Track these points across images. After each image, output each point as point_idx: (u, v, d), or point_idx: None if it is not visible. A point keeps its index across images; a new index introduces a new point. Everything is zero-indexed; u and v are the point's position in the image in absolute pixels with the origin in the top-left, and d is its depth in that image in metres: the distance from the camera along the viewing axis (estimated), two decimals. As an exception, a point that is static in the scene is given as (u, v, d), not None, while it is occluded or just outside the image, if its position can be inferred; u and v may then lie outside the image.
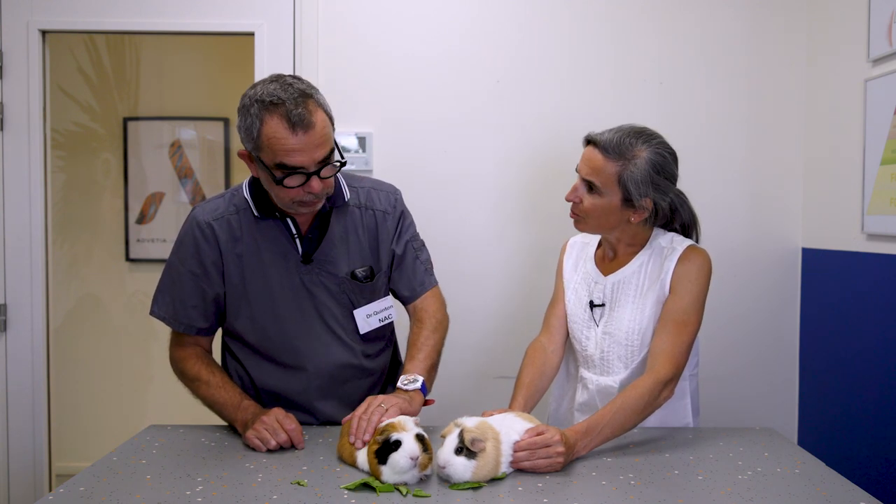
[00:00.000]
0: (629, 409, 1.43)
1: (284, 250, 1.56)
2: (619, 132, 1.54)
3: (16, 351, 2.37)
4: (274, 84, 1.41)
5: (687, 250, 1.58)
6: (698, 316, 1.56)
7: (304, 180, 1.41)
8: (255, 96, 1.41)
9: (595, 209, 1.57)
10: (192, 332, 1.62)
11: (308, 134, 1.38)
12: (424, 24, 2.35)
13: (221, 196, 1.61)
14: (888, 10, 1.91)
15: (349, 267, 1.59)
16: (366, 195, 1.64)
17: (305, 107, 1.38)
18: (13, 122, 2.33)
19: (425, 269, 1.69)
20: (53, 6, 2.33)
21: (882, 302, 1.93)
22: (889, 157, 1.89)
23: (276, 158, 1.39)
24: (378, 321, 1.64)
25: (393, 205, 1.65)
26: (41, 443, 2.40)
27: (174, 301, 1.60)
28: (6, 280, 2.36)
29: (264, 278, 1.56)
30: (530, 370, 1.70)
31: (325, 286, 1.58)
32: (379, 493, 1.21)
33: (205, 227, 1.55)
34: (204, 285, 1.57)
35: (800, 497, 1.21)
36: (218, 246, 1.55)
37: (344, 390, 1.63)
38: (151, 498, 1.19)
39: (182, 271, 1.58)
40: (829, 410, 2.20)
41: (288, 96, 1.38)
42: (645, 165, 1.52)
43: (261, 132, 1.39)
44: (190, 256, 1.56)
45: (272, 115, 1.38)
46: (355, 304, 1.61)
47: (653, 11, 2.34)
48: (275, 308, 1.57)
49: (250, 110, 1.41)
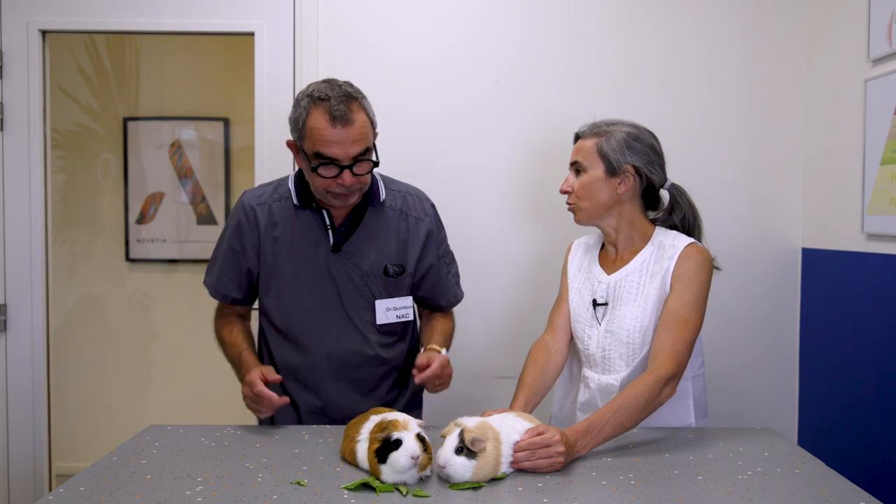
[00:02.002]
0: (630, 407, 1.43)
1: (317, 239, 1.69)
2: (598, 121, 1.68)
3: (16, 351, 2.37)
4: (325, 84, 1.58)
5: (687, 248, 1.58)
6: (700, 314, 1.56)
7: (337, 172, 1.55)
8: (307, 92, 1.58)
9: (583, 188, 1.64)
10: (227, 301, 1.78)
11: (346, 129, 1.52)
12: (424, 24, 2.35)
13: (270, 184, 1.78)
14: (888, 10, 1.91)
15: (375, 262, 1.70)
16: (402, 200, 1.76)
17: (348, 106, 1.53)
18: (13, 122, 2.33)
19: (455, 282, 1.86)
20: (53, 6, 2.33)
21: (882, 302, 1.93)
22: (889, 157, 1.89)
23: (314, 148, 1.54)
24: (395, 317, 1.75)
25: (426, 212, 1.78)
26: (41, 443, 2.40)
27: (216, 273, 1.77)
28: (6, 280, 2.36)
29: (294, 262, 1.69)
30: (533, 369, 1.71)
31: (349, 276, 1.70)
32: (379, 493, 1.21)
33: (248, 210, 1.71)
34: (241, 261, 1.73)
35: (800, 497, 1.21)
36: (258, 228, 1.70)
37: (355, 375, 1.74)
38: (151, 498, 1.19)
39: (225, 247, 1.74)
40: (829, 410, 2.20)
41: (334, 94, 1.54)
42: (620, 135, 1.62)
43: (305, 123, 1.55)
44: (233, 234, 1.73)
45: (317, 109, 1.53)
46: (376, 297, 1.72)
47: (653, 11, 2.34)
48: (300, 291, 1.70)
49: (301, 103, 1.57)
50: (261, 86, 2.35)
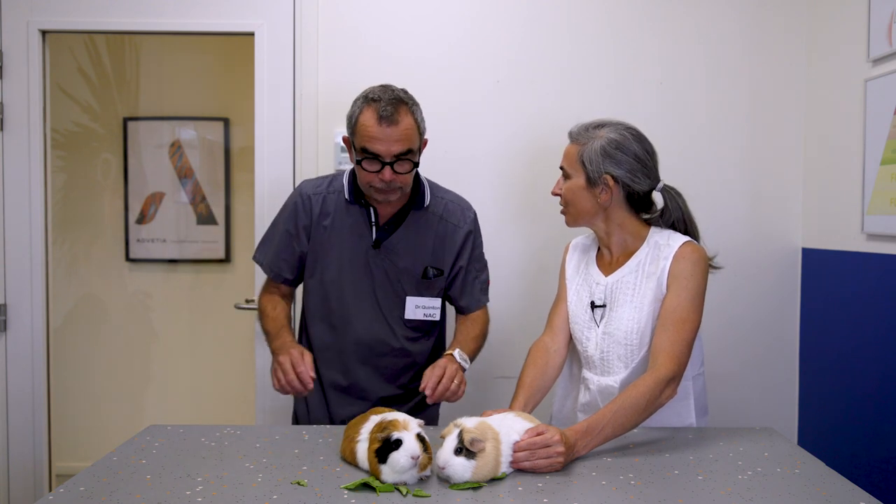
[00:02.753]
0: (630, 408, 1.42)
1: (361, 232, 1.81)
2: (588, 122, 1.65)
3: (16, 351, 2.37)
4: (381, 88, 1.71)
5: (682, 247, 1.58)
6: (697, 312, 1.56)
7: (379, 167, 1.67)
8: (364, 93, 1.71)
9: (568, 193, 1.65)
10: (279, 281, 1.89)
11: (391, 128, 1.64)
12: (424, 24, 2.35)
13: (327, 177, 1.90)
14: (888, 10, 1.91)
15: (411, 261, 1.82)
16: (444, 206, 1.87)
17: (396, 108, 1.65)
18: (13, 122, 2.33)
19: (481, 288, 1.93)
20: (53, 6, 2.33)
21: (882, 302, 1.93)
22: (889, 157, 1.89)
23: (362, 143, 1.67)
24: (423, 314, 1.85)
25: (466, 221, 1.88)
26: (41, 443, 2.40)
27: (270, 252, 1.89)
28: (6, 280, 2.36)
29: (339, 251, 1.82)
30: (532, 370, 1.70)
31: (385, 272, 1.81)
32: (379, 493, 1.21)
33: (305, 198, 1.84)
34: (294, 244, 1.85)
35: (800, 497, 1.21)
36: (311, 215, 1.83)
37: (380, 362, 1.86)
38: (151, 498, 1.19)
39: (281, 229, 1.86)
40: (829, 410, 2.20)
41: (386, 97, 1.66)
42: (600, 143, 1.60)
43: (357, 119, 1.68)
44: (289, 218, 1.85)
45: (368, 108, 1.67)
46: (408, 293, 1.83)
47: (653, 12, 2.34)
48: (340, 278, 1.82)
49: (357, 102, 1.71)
50: (261, 86, 2.35)
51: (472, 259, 1.90)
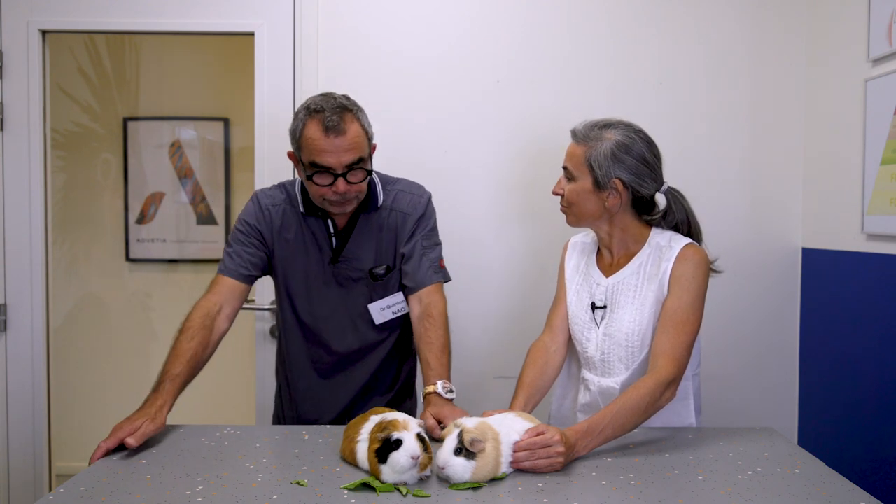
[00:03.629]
0: (630, 409, 1.42)
1: (321, 245, 1.77)
2: (593, 121, 1.62)
3: (16, 351, 2.37)
4: (322, 97, 1.64)
5: (684, 249, 1.58)
6: (698, 315, 1.56)
7: (331, 180, 1.61)
8: (305, 105, 1.64)
9: (572, 195, 1.62)
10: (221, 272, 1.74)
11: (339, 139, 1.58)
12: (424, 24, 2.35)
13: (279, 186, 1.83)
14: (888, 10, 1.91)
15: (372, 265, 1.77)
16: (394, 197, 1.80)
17: (341, 117, 1.59)
18: (13, 122, 2.33)
19: (430, 266, 1.79)
20: (53, 6, 2.33)
21: (882, 302, 1.93)
22: (889, 157, 1.89)
23: (310, 157, 1.61)
24: (392, 313, 1.81)
25: (415, 207, 1.80)
26: (41, 443, 2.40)
27: (227, 255, 1.77)
28: (6, 280, 2.36)
29: (303, 266, 1.78)
30: (532, 370, 1.70)
31: (351, 279, 1.78)
32: (379, 493, 1.21)
33: (264, 208, 1.78)
34: (253, 241, 1.76)
35: (800, 497, 1.21)
36: (271, 227, 1.77)
37: (353, 371, 1.83)
38: (151, 498, 1.19)
39: (238, 233, 1.78)
40: (829, 410, 2.20)
41: (329, 106, 1.60)
42: (609, 145, 1.57)
43: (302, 133, 1.62)
44: (247, 220, 1.78)
45: (312, 120, 1.60)
46: (373, 299, 1.79)
47: (653, 11, 2.34)
48: (308, 293, 1.79)
49: (298, 115, 1.64)
50: (261, 86, 2.35)
51: (419, 240, 1.78)
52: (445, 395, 1.58)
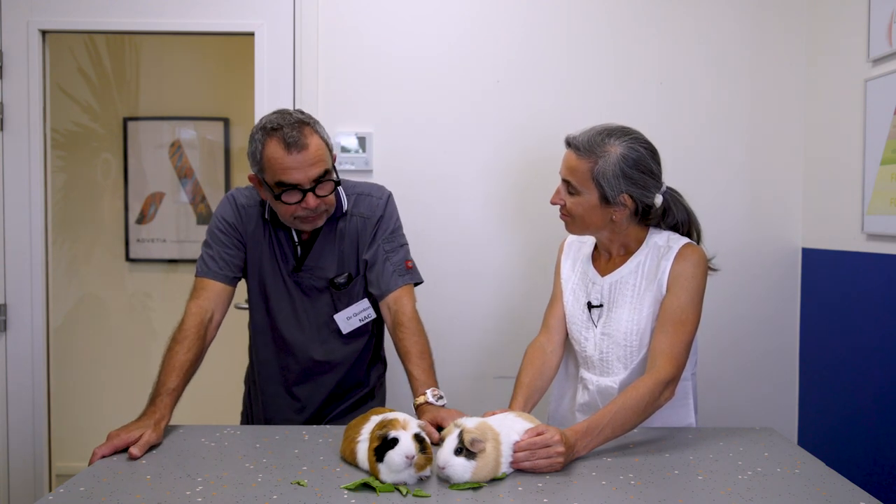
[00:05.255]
0: (629, 409, 1.42)
1: (286, 253, 1.74)
2: (592, 131, 1.57)
3: (16, 351, 2.37)
4: (276, 114, 1.60)
5: (682, 249, 1.57)
6: (696, 314, 1.56)
7: (300, 197, 1.58)
8: (260, 125, 1.60)
9: (577, 209, 1.59)
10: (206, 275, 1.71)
11: (302, 154, 1.54)
12: (424, 24, 2.35)
13: (253, 188, 1.76)
14: (888, 10, 1.91)
15: (334, 274, 1.74)
16: (354, 201, 1.76)
17: (301, 131, 1.55)
18: (13, 122, 2.34)
19: (394, 270, 1.74)
20: (53, 6, 2.33)
21: (882, 302, 1.93)
22: (889, 157, 1.89)
23: (275, 177, 1.57)
24: (358, 321, 1.78)
25: (374, 210, 1.76)
26: (41, 443, 2.40)
27: (209, 257, 1.74)
28: (6, 280, 2.36)
29: (271, 274, 1.75)
30: (530, 370, 1.70)
31: (315, 289, 1.75)
32: (379, 493, 1.21)
33: (239, 207, 1.75)
34: (234, 241, 1.74)
35: (800, 497, 1.21)
36: (246, 228, 1.75)
37: (321, 379, 1.80)
38: (151, 498, 1.19)
39: (218, 233, 1.74)
40: (829, 410, 2.20)
41: (286, 122, 1.56)
42: (616, 160, 1.52)
43: (262, 154, 1.57)
44: (226, 219, 1.74)
45: (272, 139, 1.55)
46: (337, 308, 1.76)
47: (653, 12, 2.34)
48: (272, 301, 1.76)
49: (255, 136, 1.59)
50: (261, 86, 2.35)
51: (381, 244, 1.74)
52: (437, 403, 1.56)
